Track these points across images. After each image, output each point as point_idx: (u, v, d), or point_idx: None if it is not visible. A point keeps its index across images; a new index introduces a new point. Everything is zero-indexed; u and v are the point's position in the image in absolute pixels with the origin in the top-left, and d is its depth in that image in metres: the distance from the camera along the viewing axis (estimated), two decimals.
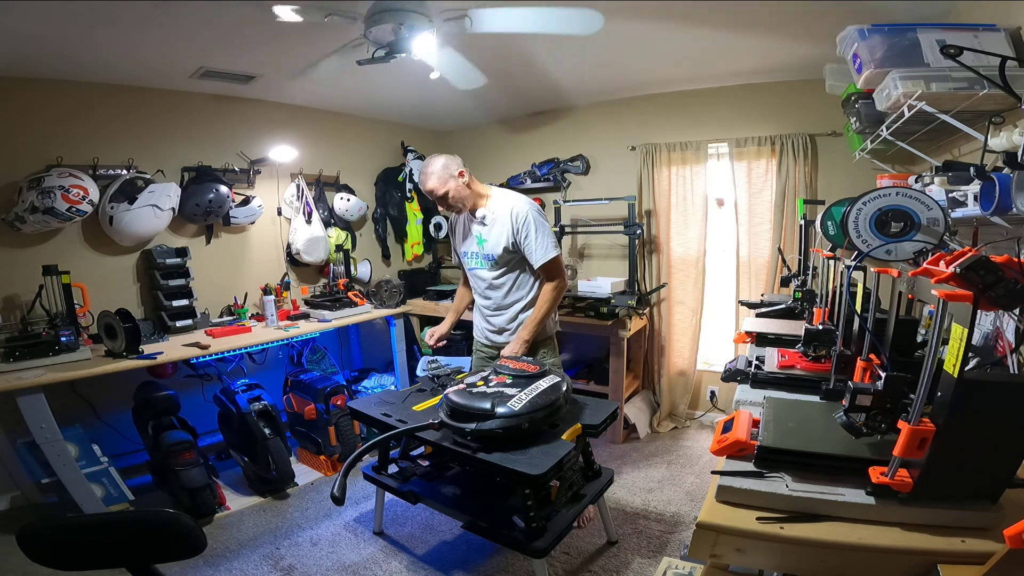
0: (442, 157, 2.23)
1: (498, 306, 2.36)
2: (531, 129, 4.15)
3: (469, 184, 2.24)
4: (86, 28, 2.14)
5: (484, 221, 2.28)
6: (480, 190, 2.29)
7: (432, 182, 2.20)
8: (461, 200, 2.24)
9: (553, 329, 2.42)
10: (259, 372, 3.45)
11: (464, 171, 2.23)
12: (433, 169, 2.20)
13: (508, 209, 2.21)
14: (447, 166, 2.20)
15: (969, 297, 0.81)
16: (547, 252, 2.19)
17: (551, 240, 2.21)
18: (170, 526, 0.92)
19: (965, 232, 1.70)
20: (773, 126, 3.22)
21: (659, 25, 2.43)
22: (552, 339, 2.42)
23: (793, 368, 1.62)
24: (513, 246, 2.22)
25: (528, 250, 2.20)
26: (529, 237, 2.18)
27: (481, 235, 2.30)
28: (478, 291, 2.43)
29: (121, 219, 2.72)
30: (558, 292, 2.25)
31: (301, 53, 2.53)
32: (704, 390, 3.79)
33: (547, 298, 2.23)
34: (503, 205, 2.23)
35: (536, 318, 2.23)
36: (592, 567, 2.17)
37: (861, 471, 0.99)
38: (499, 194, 2.29)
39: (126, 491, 2.53)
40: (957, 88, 1.60)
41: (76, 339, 2.46)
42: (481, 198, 2.29)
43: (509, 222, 2.20)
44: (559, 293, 2.26)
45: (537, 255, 2.19)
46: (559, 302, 2.31)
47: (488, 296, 2.38)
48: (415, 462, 2.39)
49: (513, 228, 2.20)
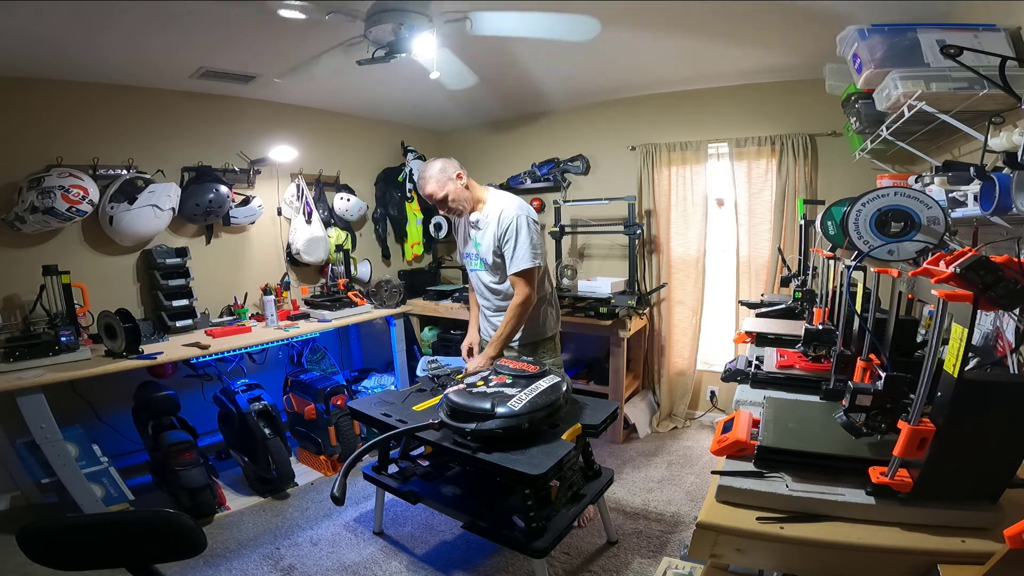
0: (439, 161, 2.22)
1: (497, 307, 2.36)
2: (531, 129, 4.15)
3: (467, 186, 2.24)
4: (86, 28, 2.14)
5: (478, 225, 2.28)
6: (478, 193, 2.28)
7: (431, 186, 2.20)
8: (461, 203, 2.23)
9: (554, 329, 2.40)
10: (259, 372, 3.45)
11: (462, 173, 2.22)
12: (431, 173, 2.20)
13: (498, 213, 2.20)
14: (444, 169, 2.20)
15: (969, 297, 0.81)
16: (520, 262, 2.15)
17: (531, 251, 2.15)
18: (170, 526, 0.92)
19: (965, 232, 1.70)
20: (773, 126, 3.22)
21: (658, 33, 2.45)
22: (552, 340, 2.40)
23: (792, 368, 1.62)
24: (499, 251, 2.21)
25: (507, 256, 2.19)
26: (509, 243, 2.17)
27: (476, 239, 2.30)
28: (479, 292, 2.43)
29: (121, 219, 2.72)
30: (524, 308, 2.19)
31: (301, 53, 2.53)
32: (704, 390, 3.79)
33: (511, 315, 2.18)
34: (495, 209, 2.22)
35: (501, 335, 2.21)
36: (592, 567, 2.17)
37: (861, 471, 0.99)
38: (495, 197, 2.28)
39: (126, 491, 2.53)
40: (957, 88, 1.60)
41: (76, 339, 2.46)
42: (479, 201, 2.28)
43: (496, 225, 2.19)
44: (525, 309, 2.19)
45: (512, 264, 2.17)
46: (526, 316, 2.24)
47: (487, 298, 2.39)
48: (415, 462, 2.39)
49: (498, 232, 2.19)
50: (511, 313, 2.20)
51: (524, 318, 2.23)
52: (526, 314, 2.23)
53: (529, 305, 2.21)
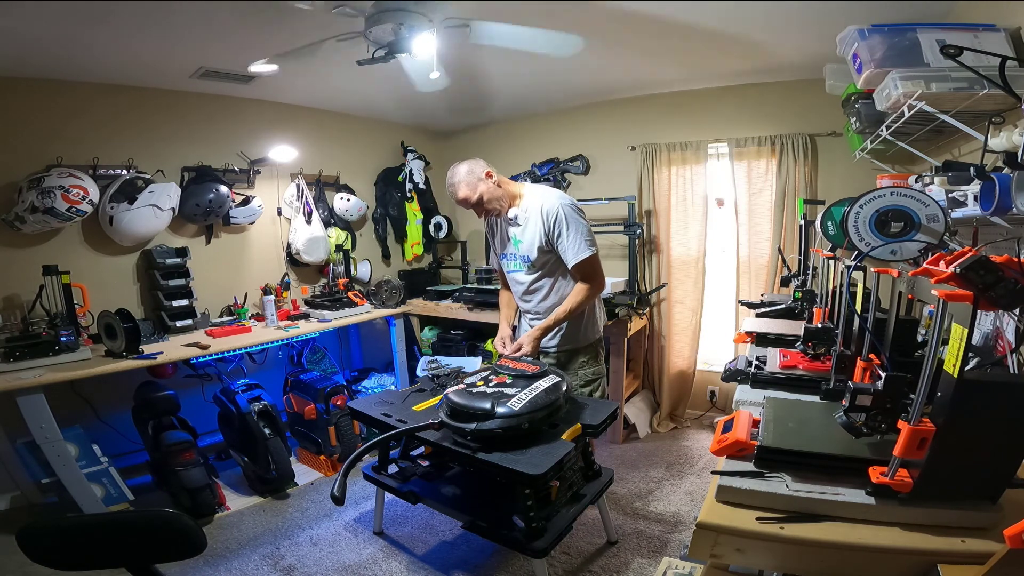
0: (465, 163, 2.12)
1: (537, 311, 2.25)
2: (531, 129, 4.15)
3: (499, 184, 2.13)
4: (86, 28, 2.14)
5: (517, 221, 2.17)
6: (512, 189, 2.18)
7: (463, 191, 2.09)
8: (496, 201, 2.12)
9: (595, 336, 2.27)
10: (259, 372, 3.45)
11: (491, 171, 2.11)
12: (460, 178, 2.10)
13: (539, 206, 2.09)
14: (472, 171, 2.09)
15: (969, 297, 0.81)
16: (580, 251, 2.04)
17: (585, 238, 2.06)
18: (170, 526, 0.92)
19: (965, 232, 1.70)
20: (773, 126, 3.22)
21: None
22: (594, 347, 2.27)
23: (795, 368, 1.62)
24: (548, 245, 2.10)
25: (561, 250, 2.08)
26: (562, 236, 2.05)
27: (516, 236, 2.19)
28: (517, 295, 2.32)
29: (121, 219, 2.72)
30: (590, 294, 2.10)
31: (302, 53, 2.53)
32: (704, 390, 3.78)
33: (577, 297, 2.08)
34: (535, 202, 2.11)
35: (562, 311, 2.09)
36: (592, 567, 2.17)
37: (861, 471, 0.99)
38: (531, 191, 2.18)
39: (126, 491, 2.53)
40: (957, 88, 1.60)
41: (76, 339, 2.46)
42: (515, 197, 2.17)
43: (540, 221, 2.08)
44: (591, 295, 2.11)
45: (569, 255, 2.06)
46: (590, 304, 2.15)
47: (527, 300, 2.27)
48: (415, 462, 2.39)
49: (545, 227, 2.08)
50: (576, 295, 2.08)
51: (587, 304, 2.14)
52: (590, 300, 2.14)
53: (596, 293, 2.13)
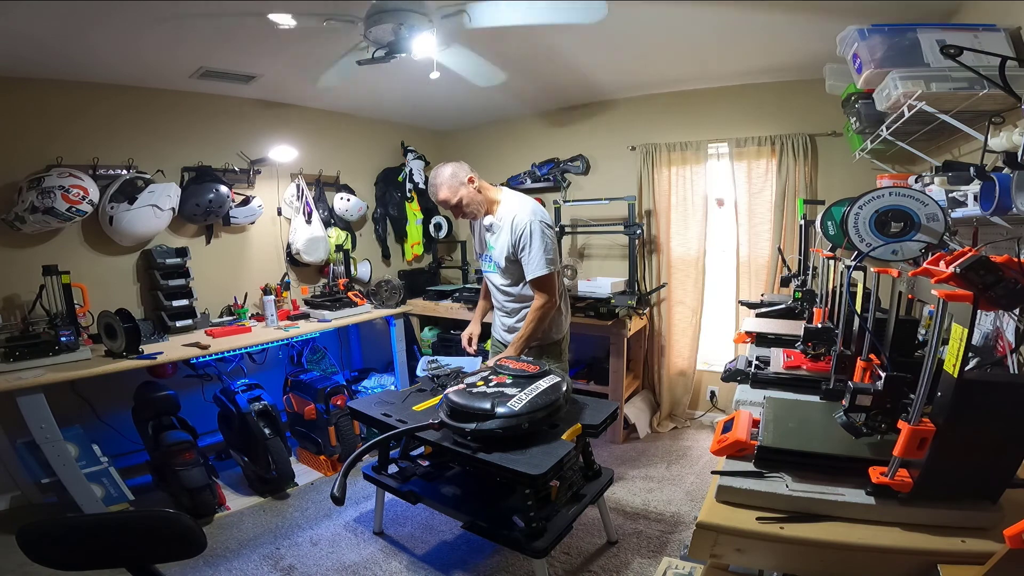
0: (449, 165, 2.20)
1: (509, 310, 2.37)
2: (531, 129, 4.15)
3: (480, 189, 2.22)
4: (86, 28, 2.14)
5: (492, 228, 2.26)
6: (491, 195, 2.26)
7: (444, 192, 2.18)
8: (475, 206, 2.22)
9: (558, 335, 2.36)
10: (259, 372, 3.45)
11: (473, 177, 2.20)
12: (442, 180, 2.18)
13: (512, 217, 2.17)
14: (455, 174, 2.18)
15: (969, 297, 0.81)
16: (537, 268, 2.14)
17: (545, 256, 2.14)
18: (170, 526, 0.92)
19: (965, 232, 1.70)
20: (773, 126, 3.22)
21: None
22: (557, 345, 2.37)
23: (799, 369, 1.62)
24: (514, 256, 2.20)
25: (524, 263, 2.18)
26: (526, 249, 2.15)
27: (490, 242, 2.29)
28: (492, 294, 2.44)
29: (121, 219, 2.72)
30: (543, 312, 2.18)
31: (302, 53, 2.53)
32: (704, 390, 3.79)
33: (530, 319, 2.19)
34: (508, 212, 2.20)
35: (521, 338, 2.21)
36: (592, 567, 2.17)
37: (861, 471, 0.99)
38: (508, 200, 2.25)
39: (126, 491, 2.53)
40: (957, 88, 1.60)
41: (76, 339, 2.46)
42: (493, 203, 2.25)
43: (510, 232, 2.17)
44: (544, 313, 2.19)
45: (528, 269, 2.16)
46: (545, 323, 2.23)
47: (499, 299, 2.40)
48: (415, 462, 2.39)
49: (513, 239, 2.17)
50: (530, 317, 2.19)
51: (544, 322, 2.23)
52: (546, 319, 2.23)
53: (549, 310, 2.20)
